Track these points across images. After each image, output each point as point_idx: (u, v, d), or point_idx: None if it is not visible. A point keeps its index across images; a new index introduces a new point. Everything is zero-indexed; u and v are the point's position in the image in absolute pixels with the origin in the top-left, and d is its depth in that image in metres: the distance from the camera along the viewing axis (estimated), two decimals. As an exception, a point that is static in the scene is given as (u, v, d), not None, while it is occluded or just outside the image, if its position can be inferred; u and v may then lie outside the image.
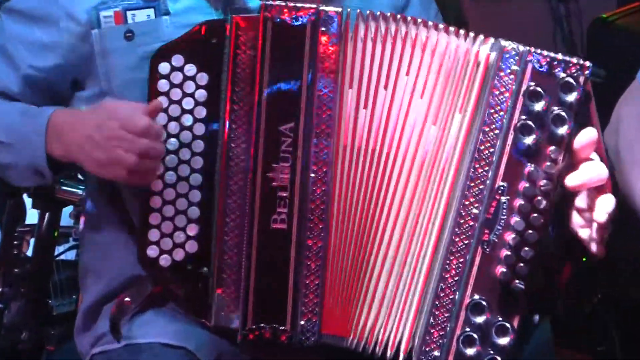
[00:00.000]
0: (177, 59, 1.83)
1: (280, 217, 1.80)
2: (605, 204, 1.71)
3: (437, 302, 1.80)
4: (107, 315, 1.94)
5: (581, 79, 1.76)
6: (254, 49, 1.79)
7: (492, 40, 1.81)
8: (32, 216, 3.13)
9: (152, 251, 1.84)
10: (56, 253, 3.21)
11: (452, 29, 1.83)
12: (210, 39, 1.82)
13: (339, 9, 1.79)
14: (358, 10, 1.84)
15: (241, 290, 1.81)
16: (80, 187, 2.84)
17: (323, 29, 1.78)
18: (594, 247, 1.76)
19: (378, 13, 1.82)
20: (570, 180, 1.72)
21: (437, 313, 1.80)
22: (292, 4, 1.78)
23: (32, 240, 3.09)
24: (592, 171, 1.73)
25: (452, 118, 1.82)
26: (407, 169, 1.83)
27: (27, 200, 2.83)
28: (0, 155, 1.98)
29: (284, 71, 1.79)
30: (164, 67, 1.83)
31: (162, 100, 1.83)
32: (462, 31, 1.83)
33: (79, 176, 2.80)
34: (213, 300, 1.83)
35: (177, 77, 1.83)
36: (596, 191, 1.73)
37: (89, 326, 2.05)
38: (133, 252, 1.88)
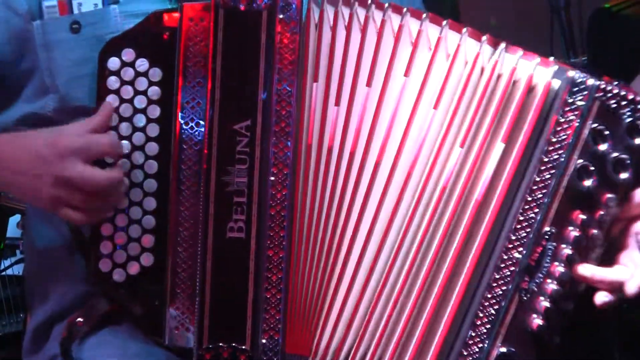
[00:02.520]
0: (128, 53, 1.69)
1: (237, 225, 1.65)
2: None
3: (464, 351, 1.63)
4: (58, 336, 1.78)
5: None
6: (205, 40, 1.65)
7: (542, 61, 1.62)
8: None
9: (104, 265, 1.69)
10: (1, 267, 3.08)
11: (465, 29, 1.64)
12: (163, 30, 1.69)
13: None
14: None
15: (196, 306, 1.65)
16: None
17: (281, 16, 1.64)
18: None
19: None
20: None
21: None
22: None
23: None
24: None
25: (491, 145, 1.62)
26: (400, 180, 1.64)
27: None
28: None
29: (239, 63, 1.65)
30: (113, 62, 1.69)
31: (113, 99, 1.68)
32: (484, 37, 1.64)
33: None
34: (165, 318, 1.67)
35: (128, 73, 1.69)
36: None
37: (39, 348, 1.89)
38: (76, 266, 1.75)
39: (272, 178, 1.64)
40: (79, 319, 1.75)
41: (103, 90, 1.69)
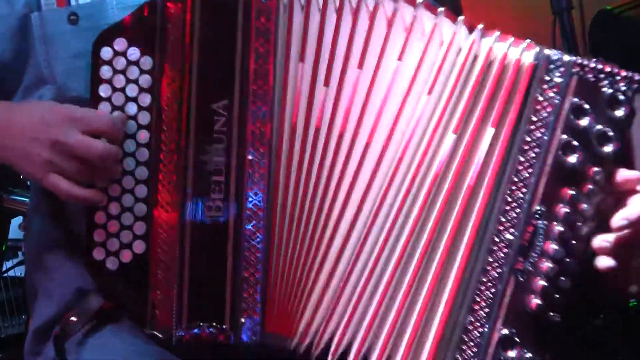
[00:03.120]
0: (120, 43, 1.72)
1: (215, 205, 1.64)
2: None
3: (464, 337, 1.63)
4: None
5: (629, 93, 1.62)
6: (183, 24, 1.67)
7: (522, 44, 1.64)
8: None
9: (98, 253, 1.70)
10: (3, 269, 3.09)
11: (460, 19, 1.66)
12: (154, 19, 1.71)
13: None
14: None
15: (175, 287, 1.65)
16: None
17: None
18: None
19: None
20: (617, 221, 1.55)
21: (464, 348, 1.63)
22: None
23: None
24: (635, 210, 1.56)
25: (482, 130, 1.63)
26: (390, 163, 1.65)
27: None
28: None
29: (216, 45, 1.67)
30: (106, 52, 1.72)
31: (105, 89, 1.70)
32: (479, 25, 1.66)
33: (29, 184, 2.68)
34: (148, 304, 1.67)
35: (120, 62, 1.72)
36: None
37: (40, 349, 1.87)
38: (76, 264, 1.76)
39: (250, 157, 1.64)
40: (73, 318, 1.74)
41: (96, 80, 1.71)
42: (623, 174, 1.58)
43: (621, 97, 1.62)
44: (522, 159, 1.61)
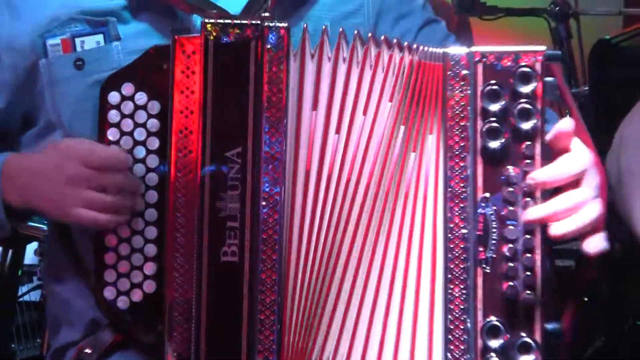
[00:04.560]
0: (127, 87, 1.75)
1: (231, 250, 1.69)
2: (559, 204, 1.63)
3: (449, 337, 1.69)
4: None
5: (537, 67, 1.69)
6: (196, 71, 1.70)
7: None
8: None
9: (108, 293, 1.75)
10: (19, 293, 3.13)
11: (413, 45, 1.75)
12: (160, 64, 1.74)
13: (285, 24, 1.70)
14: (324, 27, 1.75)
15: (192, 330, 1.69)
16: (46, 221, 2.78)
17: (269, 46, 1.69)
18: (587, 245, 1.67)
19: (355, 32, 1.74)
20: (528, 179, 1.65)
21: (452, 348, 1.69)
22: (234, 21, 1.69)
23: None
24: (560, 167, 1.65)
25: (425, 140, 1.73)
26: (392, 202, 1.74)
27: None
28: None
29: (229, 94, 1.70)
30: (113, 97, 1.76)
31: (113, 132, 1.75)
32: (421, 47, 1.75)
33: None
34: (166, 342, 1.72)
35: (127, 107, 1.75)
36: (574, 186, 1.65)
37: None
38: (89, 297, 1.81)
39: (264, 203, 1.68)
40: (87, 350, 1.82)
41: (104, 124, 1.75)
42: (553, 132, 1.66)
43: (529, 71, 1.68)
44: (451, 154, 1.70)
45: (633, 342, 2.65)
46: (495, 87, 1.68)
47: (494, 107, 1.68)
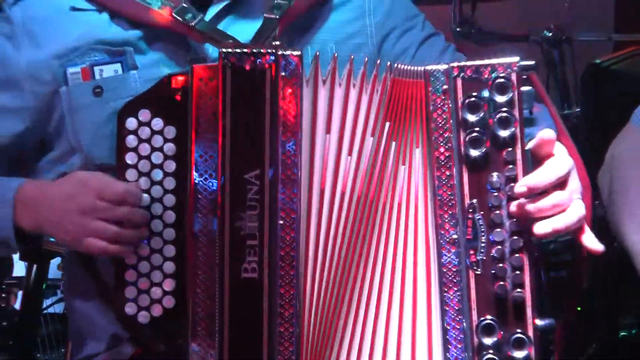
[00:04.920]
0: (144, 114, 1.84)
1: (251, 266, 1.78)
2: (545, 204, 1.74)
3: (447, 337, 1.79)
4: None
5: (513, 77, 1.78)
6: (215, 98, 1.78)
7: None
8: (19, 268, 3.17)
9: (129, 308, 1.84)
10: (44, 306, 3.24)
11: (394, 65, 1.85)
12: (175, 91, 1.83)
13: (298, 52, 1.79)
14: (334, 54, 1.84)
15: (216, 342, 1.78)
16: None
17: (283, 73, 1.78)
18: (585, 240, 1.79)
19: (365, 59, 1.84)
20: (519, 187, 1.74)
21: (450, 347, 1.79)
22: (250, 50, 1.78)
23: (19, 293, 3.12)
24: (547, 171, 1.75)
25: (413, 153, 1.83)
26: (388, 213, 1.83)
27: (14, 253, 2.84)
28: None
29: (246, 118, 1.79)
30: (131, 123, 1.84)
31: (131, 156, 1.83)
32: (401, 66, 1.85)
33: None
34: (189, 355, 1.81)
35: (144, 132, 1.83)
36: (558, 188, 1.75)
37: None
38: (109, 313, 1.89)
39: (281, 222, 1.78)
40: None
41: (122, 149, 1.83)
42: (535, 140, 1.76)
43: (505, 81, 1.77)
44: (437, 164, 1.80)
45: (626, 348, 2.72)
46: (474, 98, 1.78)
47: (474, 117, 1.78)
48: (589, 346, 3.12)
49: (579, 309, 3.03)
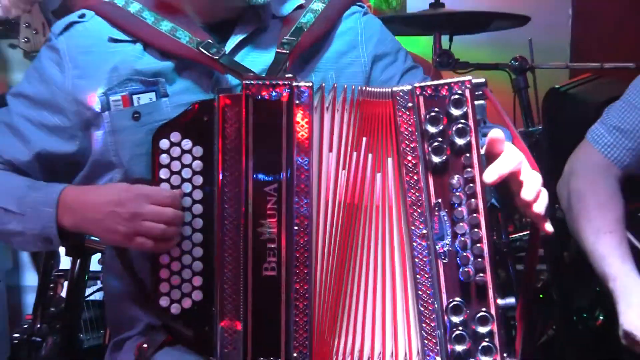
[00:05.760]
0: (175, 136, 2.08)
1: (271, 266, 2.03)
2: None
3: (422, 317, 2.02)
4: (129, 349, 2.23)
5: (467, 93, 1.98)
6: (238, 122, 2.02)
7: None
8: (65, 262, 3.53)
9: (163, 301, 2.09)
10: (86, 294, 3.57)
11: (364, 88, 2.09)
12: (202, 116, 2.06)
13: (310, 84, 2.03)
14: (334, 84, 2.10)
15: (240, 330, 2.03)
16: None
17: (297, 101, 2.02)
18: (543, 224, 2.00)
19: (352, 87, 2.07)
20: (485, 177, 1.95)
21: (424, 325, 2.03)
22: (269, 82, 2.02)
23: (65, 283, 3.42)
24: (501, 164, 1.94)
25: (386, 162, 2.06)
26: (369, 215, 2.08)
27: (61, 249, 3.04)
28: (10, 224, 2.20)
29: (266, 140, 2.03)
30: (164, 143, 2.08)
31: (164, 172, 2.07)
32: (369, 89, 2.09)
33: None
34: (217, 339, 2.05)
35: (175, 151, 2.08)
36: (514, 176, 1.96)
37: (114, 358, 2.30)
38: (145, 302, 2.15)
39: (296, 227, 2.03)
40: (145, 345, 2.15)
41: (156, 165, 2.08)
42: (486, 140, 1.97)
43: (460, 97, 1.97)
44: (406, 170, 2.01)
45: (579, 331, 2.95)
46: (434, 113, 1.99)
47: (435, 129, 1.99)
48: (549, 329, 3.41)
49: (541, 296, 3.29)
